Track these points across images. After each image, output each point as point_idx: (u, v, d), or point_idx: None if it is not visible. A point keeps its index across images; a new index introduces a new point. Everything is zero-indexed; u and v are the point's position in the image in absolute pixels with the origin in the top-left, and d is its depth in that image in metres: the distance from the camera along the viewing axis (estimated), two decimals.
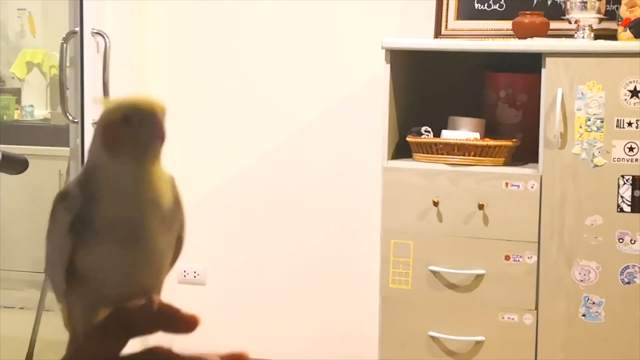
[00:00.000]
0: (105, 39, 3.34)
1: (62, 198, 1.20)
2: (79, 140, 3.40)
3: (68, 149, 3.57)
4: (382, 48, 2.88)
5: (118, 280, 1.19)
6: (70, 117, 3.39)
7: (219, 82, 3.57)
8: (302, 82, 3.47)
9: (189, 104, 3.61)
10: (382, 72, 2.89)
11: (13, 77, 4.48)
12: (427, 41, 3.07)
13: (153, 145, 1.19)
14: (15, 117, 4.41)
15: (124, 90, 3.47)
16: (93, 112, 3.37)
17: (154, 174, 1.21)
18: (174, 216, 1.23)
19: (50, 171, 4.13)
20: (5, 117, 4.37)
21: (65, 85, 3.38)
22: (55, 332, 3.71)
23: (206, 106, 3.59)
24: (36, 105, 4.44)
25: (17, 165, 2.23)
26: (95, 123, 1.20)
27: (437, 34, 3.12)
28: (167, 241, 1.22)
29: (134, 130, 1.17)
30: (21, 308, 4.23)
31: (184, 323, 1.17)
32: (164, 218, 1.20)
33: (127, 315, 1.15)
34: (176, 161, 3.63)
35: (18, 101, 4.46)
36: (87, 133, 3.38)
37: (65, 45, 3.35)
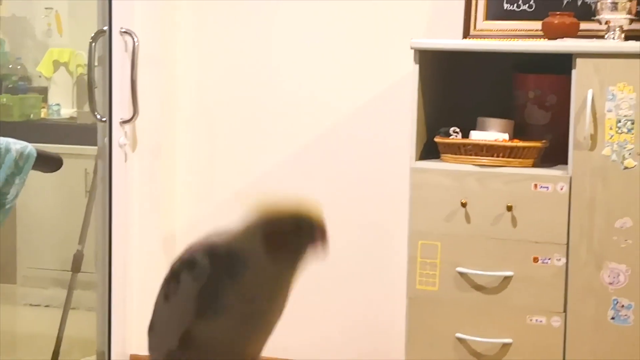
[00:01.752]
0: (133, 38, 3.34)
1: (190, 266, 1.22)
2: (106, 139, 3.40)
3: (94, 147, 3.58)
4: (411, 48, 2.87)
5: (229, 350, 1.21)
6: (99, 116, 3.40)
7: (247, 82, 3.57)
8: (331, 83, 3.46)
9: (216, 104, 3.61)
10: (411, 73, 2.88)
11: (40, 76, 4.50)
12: (455, 41, 3.06)
13: (312, 249, 1.23)
14: (42, 115, 4.43)
15: (152, 90, 3.47)
16: (120, 111, 3.39)
17: (297, 275, 1.24)
18: (286, 303, 1.27)
19: (76, 170, 4.14)
20: (32, 116, 4.39)
21: (94, 84, 3.39)
22: (81, 330, 3.72)
23: (233, 106, 3.59)
24: (63, 104, 4.45)
25: (52, 163, 2.25)
26: (259, 222, 1.19)
27: (466, 34, 3.10)
28: (277, 318, 1.25)
29: (304, 239, 1.21)
30: (47, 306, 4.24)
31: None
32: (282, 307, 1.24)
33: None
34: (202, 161, 3.63)
35: (45, 100, 4.48)
36: (115, 132, 3.39)
37: (93, 44, 3.36)
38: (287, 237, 1.18)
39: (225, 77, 3.60)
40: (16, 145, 2.15)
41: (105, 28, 3.35)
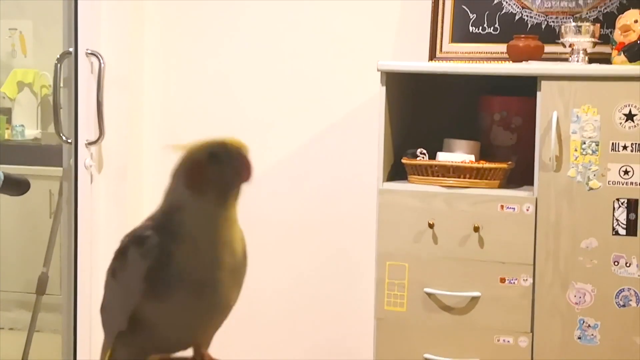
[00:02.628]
0: (99, 60, 3.34)
1: (138, 243, 1.18)
2: (72, 161, 3.39)
3: (59, 168, 3.57)
4: (378, 70, 2.89)
5: (179, 331, 1.17)
6: (64, 138, 3.38)
7: (213, 104, 3.57)
8: (297, 105, 3.47)
9: (183, 125, 3.61)
10: (378, 94, 2.90)
11: (4, 97, 4.47)
12: (422, 64, 3.08)
13: (238, 181, 1.18)
14: (6, 136, 4.40)
15: (118, 111, 3.46)
16: (86, 132, 3.37)
17: (232, 219, 1.20)
18: (241, 272, 1.21)
19: (40, 191, 4.11)
20: None
21: (59, 106, 3.38)
22: (46, 352, 3.69)
23: (199, 129, 3.58)
24: (27, 125, 4.43)
25: (20, 187, 2.23)
26: (179, 165, 1.16)
27: (432, 56, 3.13)
28: (233, 297, 1.20)
29: (221, 167, 1.16)
30: (11, 329, 4.21)
31: None
32: (234, 271, 1.18)
33: None
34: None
35: (8, 121, 4.45)
36: (81, 153, 3.37)
37: (59, 65, 3.35)
38: (206, 169, 1.13)
39: (191, 100, 3.59)
40: None
41: (71, 49, 3.34)
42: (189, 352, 1.19)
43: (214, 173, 1.15)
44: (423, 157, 2.92)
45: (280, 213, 3.52)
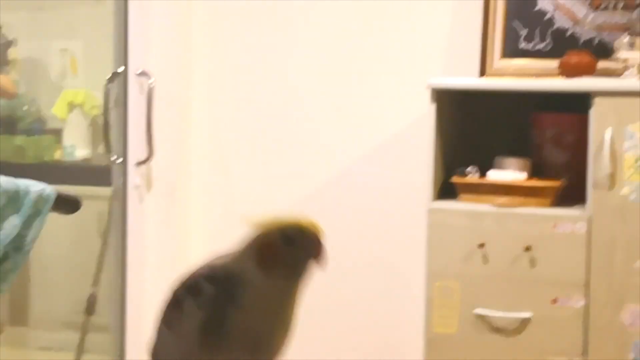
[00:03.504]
0: (149, 79, 3.34)
1: (194, 293, 1.19)
2: (121, 181, 3.39)
3: (107, 188, 3.57)
4: (428, 87, 2.86)
5: None
6: (114, 158, 3.39)
7: (262, 121, 3.56)
8: (347, 122, 3.45)
9: (231, 143, 3.60)
10: (427, 112, 2.87)
11: (54, 118, 4.50)
12: (472, 80, 3.04)
13: (310, 263, 1.19)
14: (57, 157, 4.42)
15: (167, 130, 3.47)
16: (136, 152, 3.37)
17: (296, 294, 1.20)
18: (292, 327, 1.22)
19: (89, 211, 4.12)
20: (46, 158, 4.38)
21: (110, 126, 3.39)
22: None
23: (249, 146, 3.58)
24: (77, 145, 4.45)
25: (71, 205, 2.23)
26: (251, 239, 1.17)
27: (482, 73, 3.09)
28: (283, 344, 1.22)
29: (294, 250, 1.16)
30: (59, 349, 4.21)
31: None
32: (288, 330, 1.20)
33: None
34: (218, 201, 3.62)
35: (59, 141, 4.47)
36: (130, 173, 3.38)
37: (110, 86, 3.36)
38: (278, 250, 1.14)
39: (240, 117, 3.59)
40: (35, 187, 2.13)
41: (121, 69, 3.35)
42: None
43: (286, 255, 1.17)
44: (473, 175, 2.88)
45: (330, 230, 3.48)
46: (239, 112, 3.59)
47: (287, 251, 1.15)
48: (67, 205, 2.31)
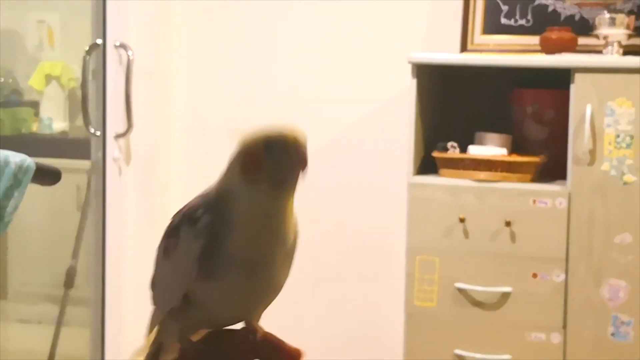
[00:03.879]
0: (128, 52, 3.32)
1: (191, 222, 1.18)
2: (100, 154, 3.38)
3: (86, 161, 3.55)
4: (408, 63, 2.86)
5: (231, 309, 1.18)
6: (92, 131, 3.37)
7: (242, 95, 3.55)
8: (327, 97, 3.45)
9: (211, 116, 3.59)
10: (408, 87, 2.87)
11: (31, 90, 4.46)
12: (453, 56, 3.05)
13: (294, 174, 1.16)
14: (34, 129, 4.39)
15: (146, 103, 3.45)
16: (115, 125, 3.36)
17: (288, 207, 1.18)
18: (293, 253, 1.21)
19: (68, 184, 4.10)
20: (23, 130, 4.35)
21: (88, 98, 3.36)
22: (74, 346, 3.68)
23: (228, 120, 3.57)
24: (54, 118, 4.42)
25: (51, 176, 2.22)
26: (235, 153, 1.15)
27: (463, 48, 3.09)
28: (284, 276, 1.21)
29: (276, 159, 1.14)
30: (39, 322, 4.20)
31: (287, 356, 1.17)
32: (286, 254, 1.18)
33: (229, 342, 1.14)
34: (197, 175, 3.61)
35: (36, 113, 4.44)
36: (109, 146, 3.36)
37: (88, 58, 3.34)
38: (261, 160, 1.12)
39: (220, 90, 3.58)
40: (15, 157, 2.12)
41: (100, 42, 3.33)
42: (239, 324, 1.20)
43: (269, 165, 1.13)
44: (454, 150, 2.89)
45: (309, 206, 3.49)
46: (219, 84, 3.58)
47: (270, 161, 1.13)
48: (47, 176, 2.30)
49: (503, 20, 3.08)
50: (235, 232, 1.14)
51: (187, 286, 1.15)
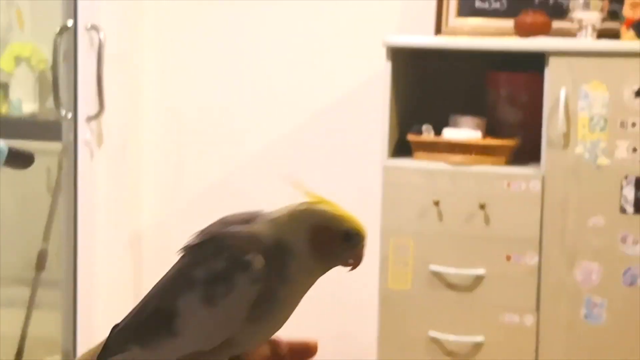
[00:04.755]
0: (99, 34, 3.29)
1: (244, 266, 1.17)
2: (71, 136, 3.35)
3: (56, 143, 3.53)
4: (383, 46, 2.85)
5: (254, 345, 1.21)
6: (63, 113, 3.34)
7: (215, 78, 3.53)
8: (302, 80, 3.44)
9: (184, 100, 3.57)
10: (383, 70, 2.87)
11: (0, 71, 4.42)
12: (427, 38, 3.05)
13: (346, 265, 1.21)
14: (3, 111, 4.35)
15: (118, 86, 3.43)
16: (86, 107, 3.33)
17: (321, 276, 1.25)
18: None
19: (39, 167, 4.06)
20: None
21: (59, 81, 3.34)
22: (46, 329, 3.67)
23: (201, 103, 3.55)
24: (24, 100, 4.38)
25: (24, 159, 2.19)
26: (308, 222, 1.17)
27: (438, 31, 3.09)
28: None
29: (349, 249, 1.18)
30: (9, 306, 4.18)
31: (308, 351, 1.20)
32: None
33: None
34: (170, 158, 3.59)
35: (5, 95, 4.40)
36: (80, 128, 3.34)
37: (59, 40, 3.30)
38: (334, 242, 1.16)
39: (193, 74, 3.56)
40: None
41: (71, 23, 3.30)
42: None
43: (341, 251, 1.19)
44: (429, 133, 2.89)
45: (283, 189, 3.49)
46: (191, 67, 3.56)
47: (343, 247, 1.18)
48: (20, 160, 2.27)
49: (477, 4, 3.08)
50: (287, 286, 1.19)
51: (237, 330, 1.17)
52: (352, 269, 1.22)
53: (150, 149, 3.60)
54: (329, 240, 1.15)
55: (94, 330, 3.41)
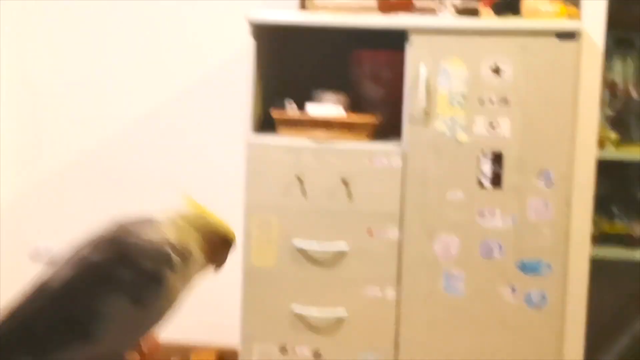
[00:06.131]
0: None
1: (170, 265, 1.22)
2: None
3: None
4: (247, 22, 2.85)
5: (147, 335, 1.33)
6: None
7: (76, 55, 3.47)
8: (165, 57, 3.41)
9: (41, 76, 3.50)
10: (247, 46, 2.86)
11: None
12: (291, 15, 3.04)
13: (216, 264, 1.35)
14: None
15: None
16: None
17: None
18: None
19: None
20: None
21: None
22: None
23: (60, 76, 3.49)
24: None
25: None
26: (200, 227, 1.31)
27: (302, 7, 3.09)
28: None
29: (225, 253, 1.34)
30: None
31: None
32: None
33: None
34: (26, 133, 3.52)
35: None
36: None
37: None
38: (218, 247, 1.33)
39: (51, 49, 3.49)
40: None
41: None
42: None
43: (219, 254, 1.36)
44: (291, 108, 2.90)
45: (148, 166, 3.46)
46: (50, 43, 3.49)
47: (223, 252, 1.35)
48: None
49: None
50: (183, 283, 1.31)
51: (152, 327, 1.23)
52: (217, 269, 1.36)
53: (6, 123, 3.52)
54: (216, 245, 1.31)
55: None
